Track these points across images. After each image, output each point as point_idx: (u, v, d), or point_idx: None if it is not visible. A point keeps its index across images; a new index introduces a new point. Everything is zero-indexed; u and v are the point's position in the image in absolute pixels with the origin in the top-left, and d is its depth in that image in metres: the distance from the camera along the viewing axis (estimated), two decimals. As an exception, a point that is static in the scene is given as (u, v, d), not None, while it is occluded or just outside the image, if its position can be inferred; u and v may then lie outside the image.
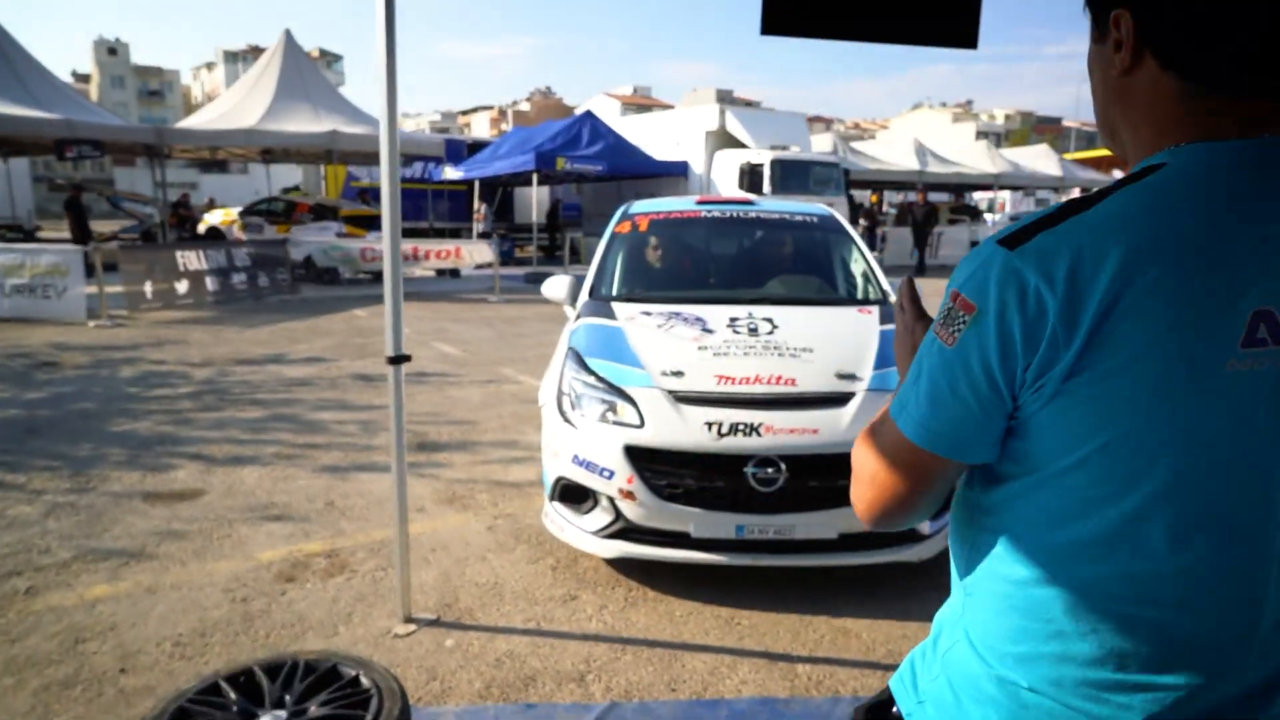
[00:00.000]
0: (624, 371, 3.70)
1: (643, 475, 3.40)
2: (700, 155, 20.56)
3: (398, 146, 3.08)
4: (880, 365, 3.66)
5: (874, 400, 3.46)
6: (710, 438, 3.35)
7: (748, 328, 4.00)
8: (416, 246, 14.21)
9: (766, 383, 3.53)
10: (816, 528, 3.34)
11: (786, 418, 3.40)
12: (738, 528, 3.35)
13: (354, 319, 11.66)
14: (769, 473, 3.30)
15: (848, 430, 3.35)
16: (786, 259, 5.27)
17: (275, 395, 7.08)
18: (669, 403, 3.49)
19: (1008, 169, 24.64)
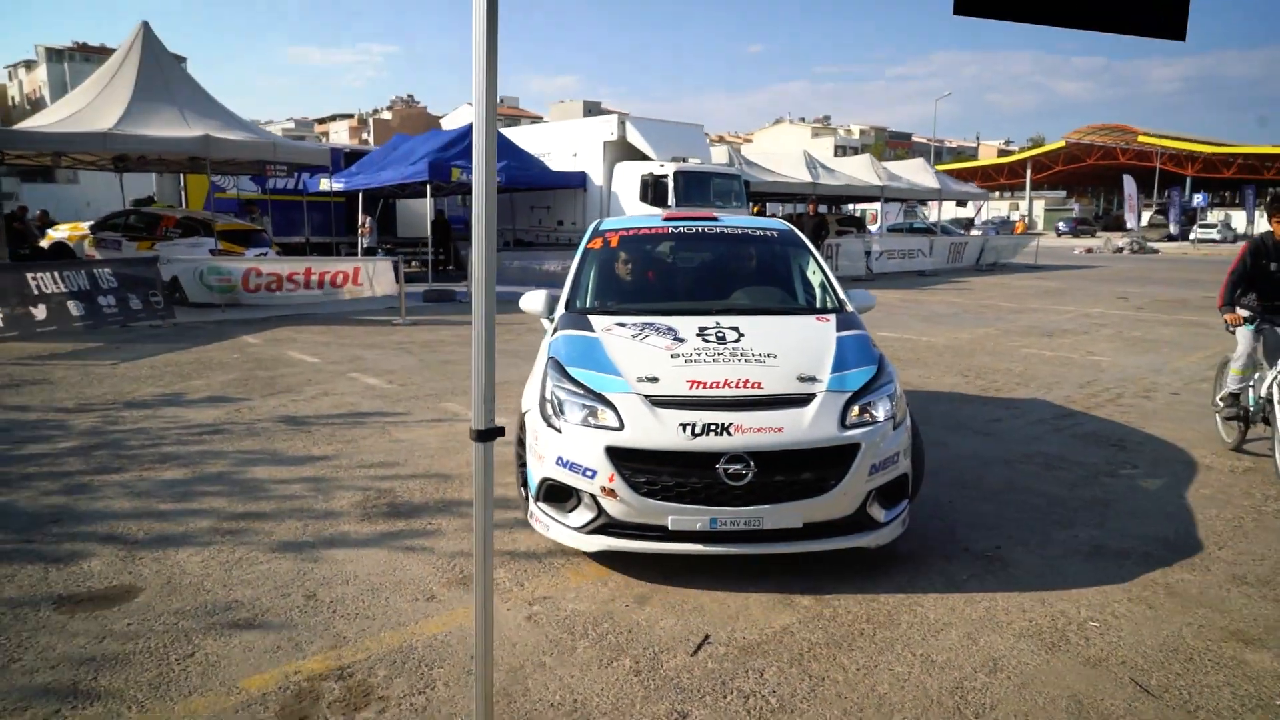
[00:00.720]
0: (603, 379, 3.95)
1: (623, 474, 3.65)
2: (599, 166, 19.93)
3: (494, 162, 2.30)
4: (838, 369, 4.00)
5: (832, 400, 3.81)
6: (684, 438, 3.63)
7: (716, 336, 4.30)
8: (310, 269, 12.87)
9: (735, 386, 3.83)
10: (783, 518, 3.63)
11: (754, 418, 3.69)
12: (711, 520, 3.61)
13: (247, 348, 10.33)
14: (739, 468, 3.58)
15: (809, 428, 3.69)
16: (750, 271, 5.56)
17: (187, 448, 5.92)
18: (646, 406, 3.76)
19: (891, 182, 25.34)
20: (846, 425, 3.75)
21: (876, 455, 3.75)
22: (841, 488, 3.66)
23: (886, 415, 3.89)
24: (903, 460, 3.91)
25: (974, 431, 6.50)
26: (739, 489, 3.60)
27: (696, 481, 3.62)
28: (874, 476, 3.76)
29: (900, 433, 3.93)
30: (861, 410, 3.84)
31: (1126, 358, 9.84)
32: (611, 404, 3.80)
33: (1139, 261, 33.64)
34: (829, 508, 3.67)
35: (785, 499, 3.63)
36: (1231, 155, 70.12)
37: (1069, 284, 21.02)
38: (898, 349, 10.46)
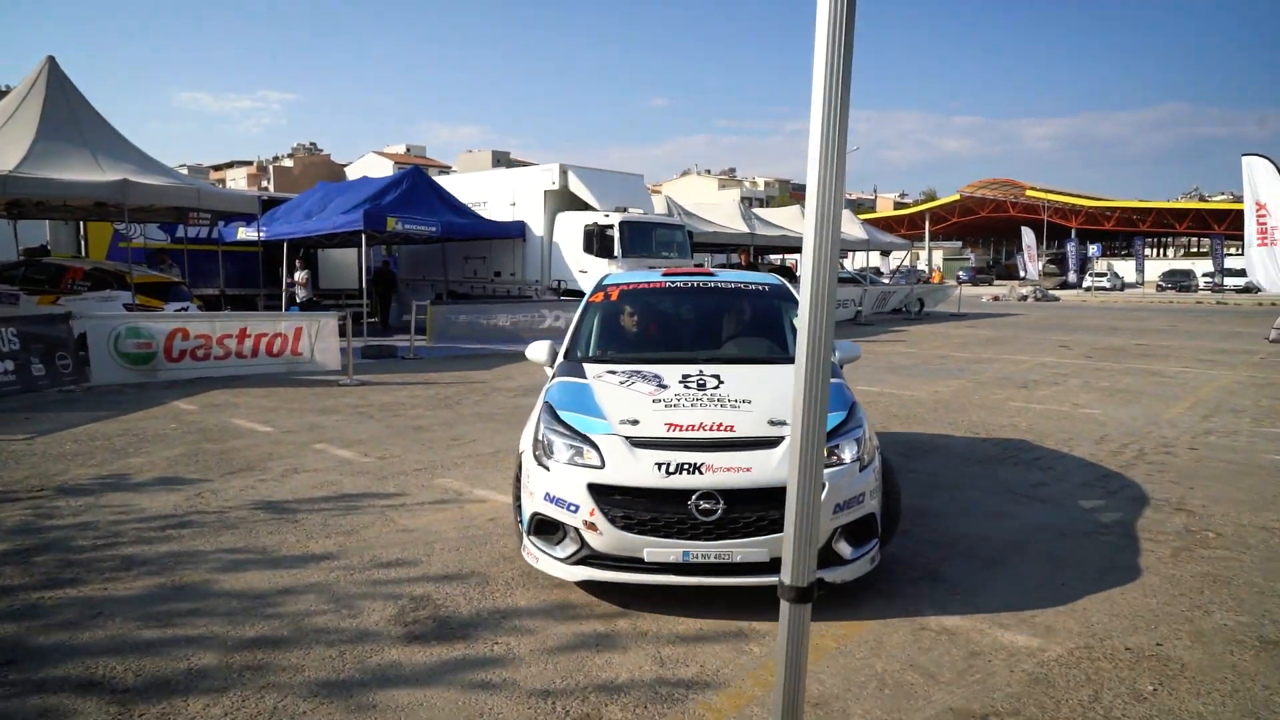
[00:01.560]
0: (589, 421, 4.28)
1: (603, 509, 3.94)
2: (539, 216, 19.32)
3: (839, 219, 1.74)
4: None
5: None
6: (659, 476, 3.91)
7: (697, 383, 4.62)
8: (246, 329, 11.66)
9: (709, 429, 4.11)
10: (751, 552, 3.86)
11: (724, 458, 3.96)
12: (684, 553, 3.87)
13: (182, 415, 9.17)
14: (709, 505, 3.86)
15: (777, 469, 3.91)
16: (739, 323, 5.88)
17: (153, 548, 4.92)
18: (625, 447, 4.06)
19: (822, 233, 25.59)
20: None
21: (841, 495, 3.98)
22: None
23: (853, 457, 4.13)
24: (869, 500, 4.12)
25: (1028, 498, 6.09)
26: (710, 524, 3.86)
27: (670, 517, 3.88)
28: (838, 514, 3.98)
29: (866, 474, 4.15)
30: (829, 452, 4.03)
31: (1115, 410, 9.75)
32: (595, 444, 4.11)
33: (1048, 309, 35.05)
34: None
35: (753, 534, 3.85)
36: (1110, 209, 74.93)
37: (1001, 332, 21.46)
38: (886, 404, 10.12)
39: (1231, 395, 10.93)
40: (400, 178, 18.48)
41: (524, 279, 19.79)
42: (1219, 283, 51.52)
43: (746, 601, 4.09)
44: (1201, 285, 53.96)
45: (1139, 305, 39.15)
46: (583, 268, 18.51)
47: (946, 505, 5.90)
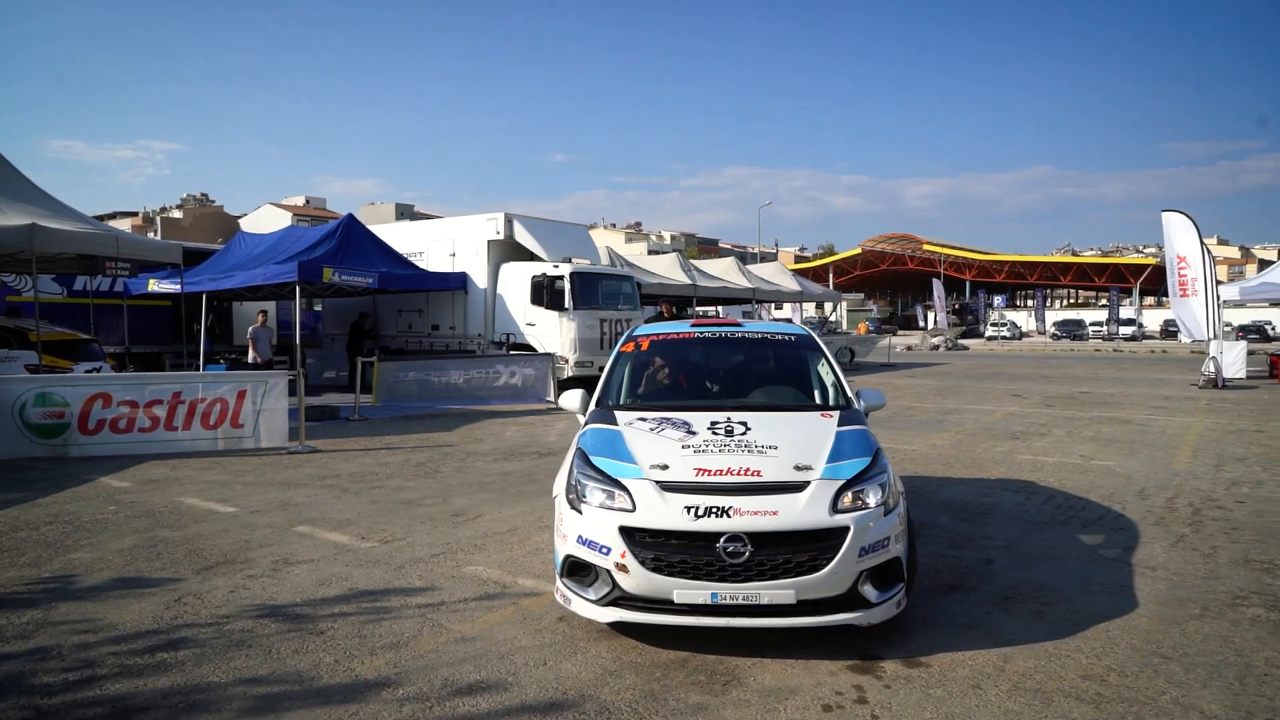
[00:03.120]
0: (620, 466, 4.33)
1: (633, 550, 3.96)
2: (482, 267, 18.36)
3: None
4: (834, 459, 4.32)
5: (825, 487, 4.11)
6: (688, 519, 3.95)
7: (725, 430, 4.66)
8: (179, 393, 10.20)
9: (737, 474, 4.15)
10: (778, 594, 3.87)
11: (752, 502, 3.99)
12: (712, 595, 3.88)
13: (118, 495, 7.83)
14: (737, 547, 3.87)
15: (803, 512, 3.98)
16: (766, 372, 5.99)
17: (148, 683, 3.79)
18: (656, 491, 4.10)
19: (759, 284, 25.52)
20: (838, 509, 4.02)
21: (866, 538, 3.98)
22: (832, 567, 3.89)
23: (878, 502, 4.13)
24: (894, 545, 4.10)
25: (1129, 566, 5.57)
26: (738, 566, 3.86)
27: (699, 559, 3.89)
28: (864, 558, 3.97)
29: (892, 519, 4.14)
30: (855, 497, 4.10)
31: (1126, 462, 9.52)
32: (626, 488, 4.16)
33: (966, 359, 36.00)
34: (821, 586, 3.89)
35: (780, 576, 3.87)
36: (1000, 262, 78.93)
37: (944, 383, 21.62)
38: (895, 459, 9.63)
39: (1218, 443, 10.92)
40: (335, 227, 17.23)
41: (465, 333, 18.72)
42: (1113, 331, 54.44)
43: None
44: (1091, 334, 56.95)
45: (1044, 353, 40.74)
46: (530, 320, 17.64)
47: (1054, 578, 5.31)
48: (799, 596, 3.86)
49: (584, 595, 4.14)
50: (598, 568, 4.07)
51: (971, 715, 3.51)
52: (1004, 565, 5.59)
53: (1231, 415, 13.97)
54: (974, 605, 4.83)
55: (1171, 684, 3.80)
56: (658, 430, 4.73)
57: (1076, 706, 3.58)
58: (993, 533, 6.43)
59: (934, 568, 5.52)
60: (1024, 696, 3.68)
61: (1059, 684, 3.79)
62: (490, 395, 14.83)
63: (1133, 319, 57.86)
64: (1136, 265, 74.84)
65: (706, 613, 3.91)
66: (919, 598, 4.94)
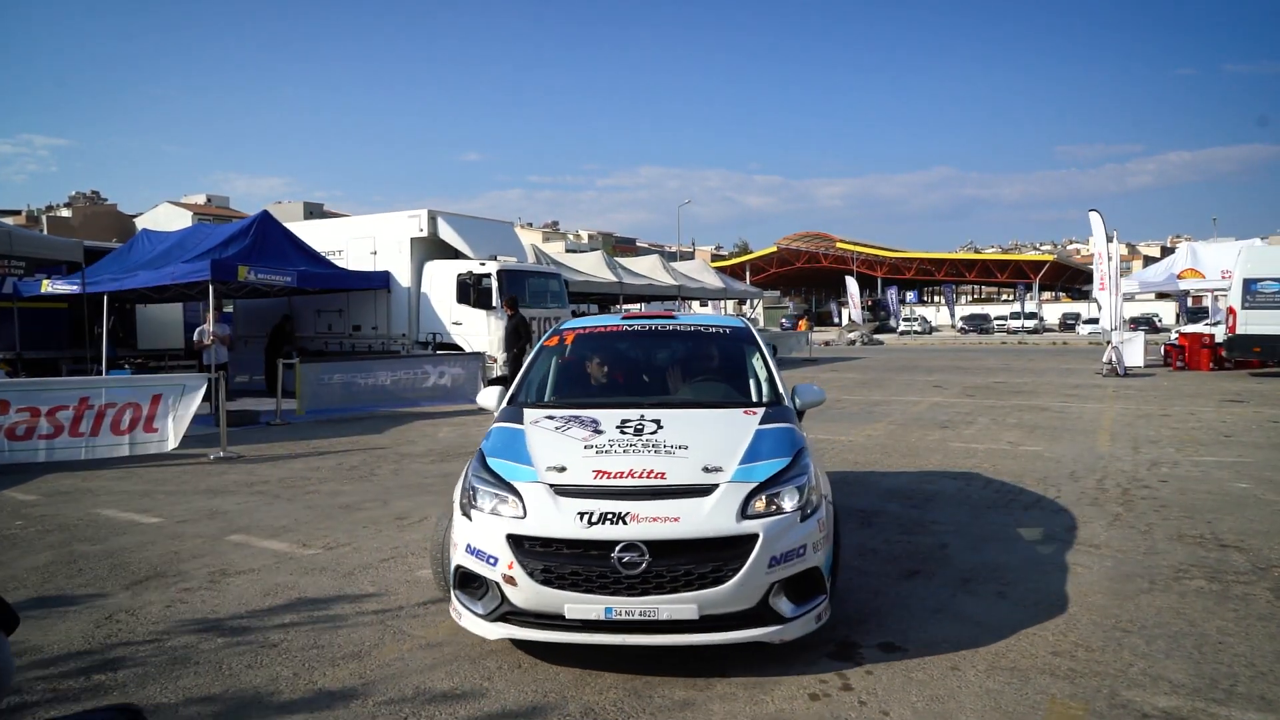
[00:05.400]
0: (515, 469, 4.00)
1: (521, 561, 3.64)
2: (405, 265, 17.85)
3: None
4: (748, 459, 3.98)
5: (734, 491, 3.77)
6: (580, 526, 3.60)
7: (635, 429, 4.30)
8: (87, 398, 9.56)
9: (638, 477, 3.81)
10: (679, 609, 3.53)
11: (652, 507, 3.65)
12: (607, 609, 3.53)
13: (24, 509, 7.28)
14: (633, 557, 3.52)
15: (707, 518, 3.65)
16: (697, 367, 5.53)
17: (86, 708, 3.49)
18: (549, 495, 3.77)
19: (684, 282, 25.65)
20: (747, 515, 3.70)
21: (778, 547, 3.67)
22: (739, 579, 3.57)
23: (794, 506, 3.82)
24: (812, 553, 3.78)
25: (1081, 546, 5.75)
26: (634, 578, 3.53)
27: (593, 570, 3.57)
28: (776, 568, 3.66)
29: (810, 525, 3.82)
30: (768, 501, 3.79)
31: (1053, 447, 9.87)
32: (518, 493, 3.84)
33: (882, 353, 36.98)
34: (726, 599, 3.57)
35: (682, 589, 3.55)
36: (910, 259, 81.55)
37: (866, 375, 22.14)
38: (834, 450, 9.77)
39: (1131, 427, 11.45)
40: (248, 224, 16.45)
41: (389, 333, 18.18)
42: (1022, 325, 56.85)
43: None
44: (996, 328, 59.35)
45: (955, 346, 42.21)
46: (457, 319, 17.27)
47: (1008, 559, 5.43)
48: (702, 611, 3.53)
49: (473, 609, 3.81)
50: (487, 579, 3.76)
51: (955, 696, 3.52)
52: (959, 549, 5.68)
53: (1138, 401, 14.69)
54: (938, 589, 4.89)
55: (1137, 656, 3.90)
56: (563, 429, 4.39)
57: (1054, 682, 3.64)
58: (941, 518, 6.55)
59: (893, 554, 5.58)
60: (1001, 675, 3.72)
61: (1032, 661, 3.85)
62: (419, 396, 14.42)
63: (1034, 313, 60.53)
64: (1035, 261, 78.46)
65: (600, 629, 3.57)
66: (884, 583, 4.98)
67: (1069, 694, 3.53)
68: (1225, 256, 22.53)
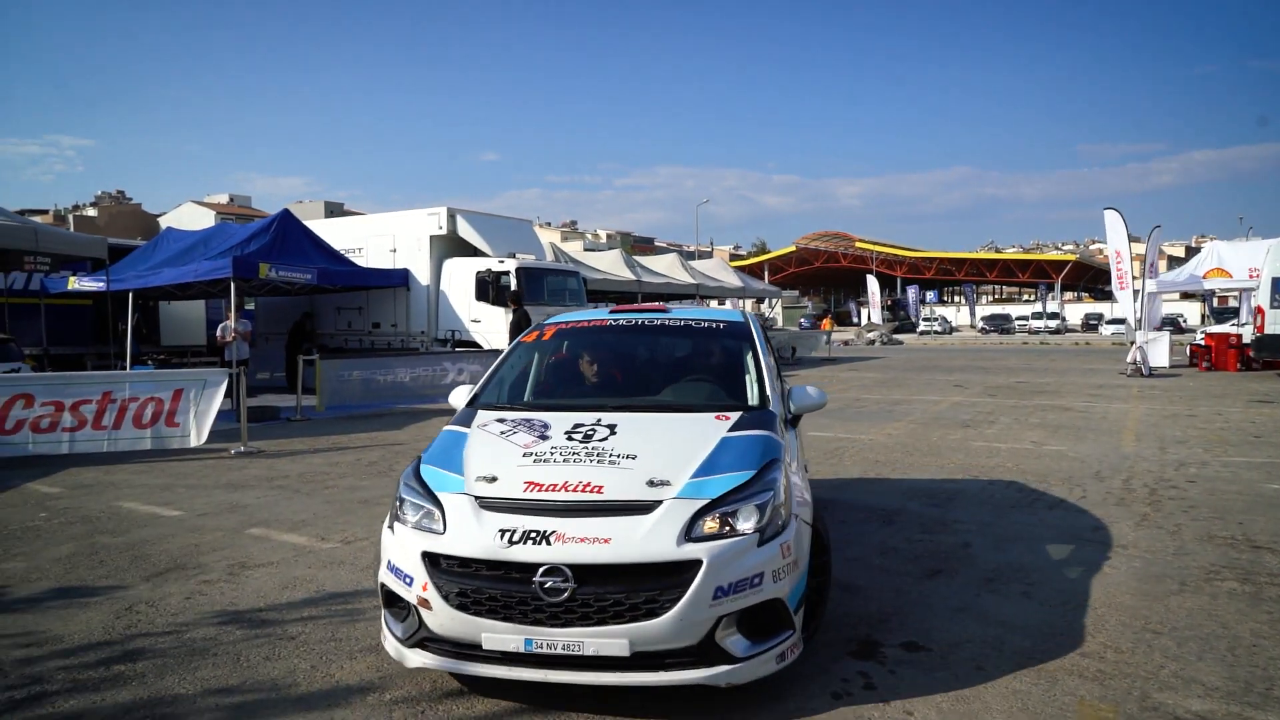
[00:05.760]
0: (445, 478, 3.64)
1: (437, 583, 3.26)
2: (424, 263, 17.94)
3: None
4: (703, 472, 3.48)
5: (679, 509, 3.28)
6: (500, 545, 3.21)
7: (584, 434, 3.84)
8: (110, 393, 9.66)
9: (572, 490, 3.39)
10: (607, 644, 3.09)
11: (581, 525, 3.22)
12: (526, 641, 3.14)
13: (49, 501, 7.34)
14: (556, 583, 3.10)
15: (643, 541, 3.18)
16: (682, 364, 5.05)
17: (105, 698, 3.48)
18: (472, 509, 3.39)
19: (703, 280, 25.58)
20: (691, 538, 3.21)
21: (727, 575, 3.16)
22: (676, 613, 3.08)
23: (752, 527, 3.29)
24: (771, 583, 3.25)
25: (1111, 548, 5.65)
26: (557, 607, 3.10)
27: (513, 595, 3.15)
28: (723, 600, 3.14)
29: (768, 550, 3.28)
30: (721, 521, 3.28)
31: (1077, 446, 9.73)
32: (441, 505, 3.46)
33: (903, 352, 36.73)
34: (663, 635, 3.09)
35: (611, 621, 3.09)
36: (929, 259, 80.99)
37: (886, 375, 21.97)
38: (854, 449, 9.67)
39: (1157, 427, 11.27)
40: (269, 222, 16.57)
41: (408, 330, 18.26)
42: (1045, 325, 56.29)
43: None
44: (1017, 328, 58.82)
45: (976, 346, 41.85)
46: (475, 317, 17.32)
47: (1033, 559, 5.34)
48: (635, 647, 3.08)
49: (394, 632, 3.46)
50: (406, 601, 3.38)
51: (980, 696, 3.45)
52: (982, 548, 5.60)
53: (1164, 401, 14.48)
54: (961, 588, 4.81)
55: (1168, 658, 3.81)
56: (509, 434, 3.96)
57: (1082, 684, 3.56)
58: (963, 517, 6.46)
59: (914, 553, 5.51)
60: (1028, 675, 3.64)
61: (1060, 662, 3.77)
62: (438, 393, 14.41)
63: (1056, 313, 59.93)
64: (1057, 261, 77.71)
65: (520, 663, 3.18)
66: (906, 582, 4.90)
67: (1098, 696, 3.45)
68: (1253, 255, 22.18)
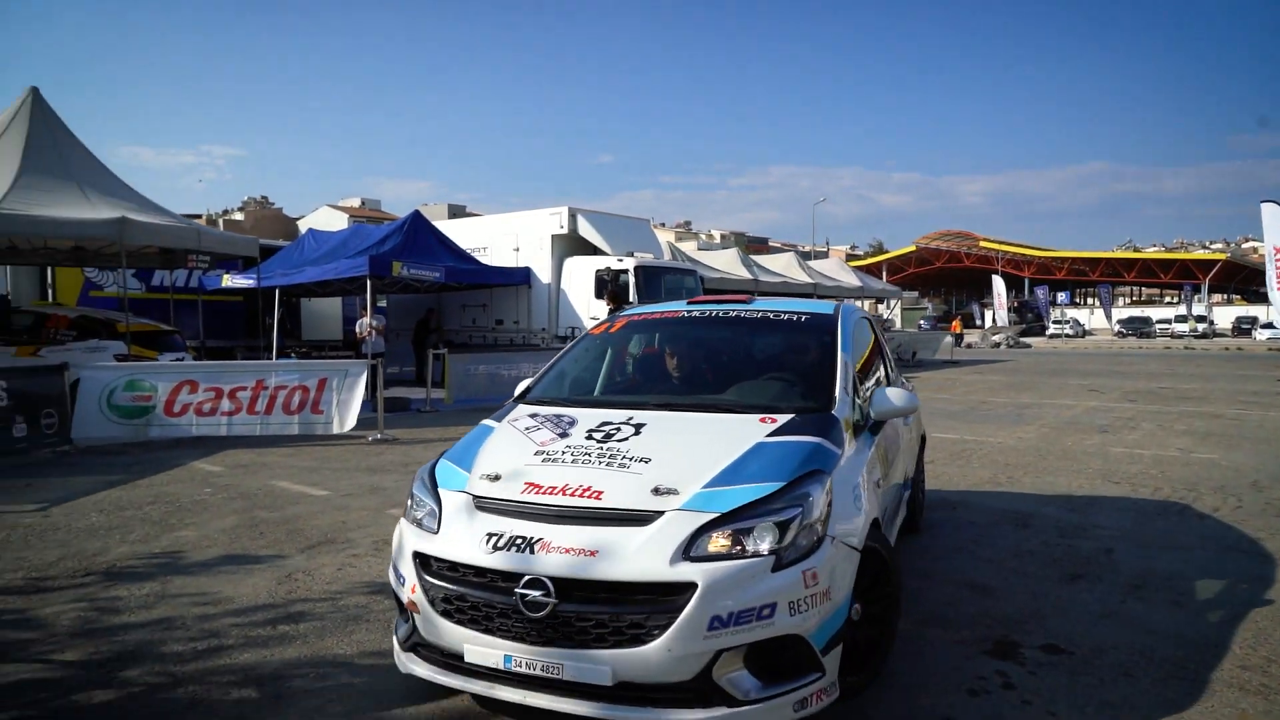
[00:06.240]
0: (454, 474, 3.45)
1: (425, 586, 3.10)
2: (546, 261, 18.43)
3: None
4: (720, 481, 3.07)
5: (682, 522, 2.90)
6: (484, 551, 2.98)
7: (606, 433, 3.54)
8: (263, 380, 10.41)
9: (571, 494, 3.09)
10: (587, 669, 2.77)
11: (569, 534, 2.92)
12: (506, 657, 2.88)
13: (212, 478, 7.96)
14: (537, 596, 2.80)
15: (633, 556, 2.81)
16: (752, 359, 4.62)
17: (275, 654, 3.80)
18: (467, 509, 3.20)
19: (820, 280, 25.22)
20: (689, 556, 2.82)
21: (727, 603, 2.73)
22: (663, 643, 2.70)
23: (768, 548, 2.86)
24: (786, 616, 2.78)
25: None
26: (537, 623, 2.80)
27: (495, 606, 2.90)
28: (720, 633, 2.72)
29: (786, 576, 2.81)
30: (732, 539, 2.87)
31: (1227, 455, 9.11)
32: (440, 503, 3.28)
33: (1028, 355, 35.15)
34: (649, 665, 2.71)
35: (593, 645, 2.76)
36: (1060, 259, 76.99)
37: (1013, 378, 21.08)
38: (984, 452, 9.36)
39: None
40: (401, 223, 17.43)
41: (529, 327, 18.80)
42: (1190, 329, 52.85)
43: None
44: (1158, 331, 55.25)
45: (1111, 350, 39.57)
46: (595, 314, 17.59)
47: (1184, 567, 5.06)
48: (619, 677, 2.74)
49: (396, 634, 3.34)
50: (402, 602, 3.26)
51: (1130, 703, 3.33)
52: (1125, 555, 5.35)
53: (1330, 411, 13.35)
54: (1104, 594, 4.62)
55: (1341, 676, 3.56)
56: (533, 430, 3.72)
57: (1243, 697, 3.37)
58: (1103, 522, 6.18)
59: (1051, 556, 5.32)
60: (1180, 684, 3.48)
61: (1217, 673, 3.59)
62: (558, 388, 14.83)
63: (1203, 316, 55.98)
64: (1205, 260, 72.47)
65: (501, 680, 2.92)
66: (1044, 585, 4.74)
67: (1262, 711, 3.26)
68: None
